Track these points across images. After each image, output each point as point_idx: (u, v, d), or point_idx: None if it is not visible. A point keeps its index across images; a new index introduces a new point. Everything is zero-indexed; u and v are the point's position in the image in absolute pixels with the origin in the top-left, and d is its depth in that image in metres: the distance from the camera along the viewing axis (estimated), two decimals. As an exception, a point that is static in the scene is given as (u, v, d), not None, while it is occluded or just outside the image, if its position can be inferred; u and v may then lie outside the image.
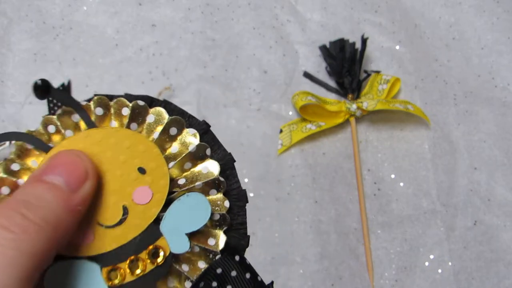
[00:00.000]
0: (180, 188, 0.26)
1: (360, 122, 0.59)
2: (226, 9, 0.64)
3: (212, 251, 0.26)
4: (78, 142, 0.25)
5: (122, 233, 0.25)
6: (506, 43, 0.62)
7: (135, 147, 0.25)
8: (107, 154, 0.25)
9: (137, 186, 0.25)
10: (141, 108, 0.26)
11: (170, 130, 0.26)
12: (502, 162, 0.57)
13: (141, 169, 0.25)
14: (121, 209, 0.25)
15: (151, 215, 0.25)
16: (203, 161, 0.26)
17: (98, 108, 0.26)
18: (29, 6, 0.63)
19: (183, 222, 0.25)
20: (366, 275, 0.54)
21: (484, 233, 0.55)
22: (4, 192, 0.25)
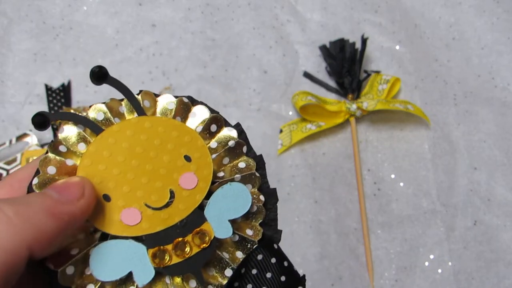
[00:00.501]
0: (220, 179, 0.27)
1: (360, 122, 0.59)
2: (226, 9, 0.64)
3: (250, 240, 0.27)
4: (128, 127, 0.26)
5: (169, 216, 0.25)
6: (506, 43, 0.62)
7: (182, 137, 0.27)
8: (155, 141, 0.26)
9: (183, 172, 0.26)
10: (185, 104, 0.28)
11: (211, 127, 0.28)
12: (502, 162, 0.57)
13: (187, 157, 0.26)
14: (168, 192, 0.26)
15: (196, 201, 0.26)
16: (240, 157, 0.28)
17: (146, 100, 0.27)
18: (29, 6, 0.63)
19: (226, 209, 0.26)
20: (366, 275, 0.54)
21: (484, 233, 0.55)
22: (50, 172, 0.26)
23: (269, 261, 0.26)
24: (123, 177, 0.25)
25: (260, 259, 0.26)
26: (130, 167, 0.26)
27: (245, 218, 0.27)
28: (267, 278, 0.26)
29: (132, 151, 0.26)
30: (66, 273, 0.24)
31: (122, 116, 0.27)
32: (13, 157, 0.55)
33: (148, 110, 0.27)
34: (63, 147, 0.26)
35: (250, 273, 0.26)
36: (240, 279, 0.26)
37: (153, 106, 0.28)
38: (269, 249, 0.26)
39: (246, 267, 0.26)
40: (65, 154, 0.26)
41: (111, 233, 0.25)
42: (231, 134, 0.28)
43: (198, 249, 0.25)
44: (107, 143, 0.26)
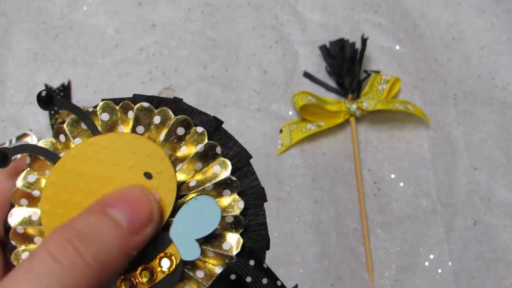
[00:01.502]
0: (190, 191, 0.25)
1: (360, 122, 0.59)
2: (226, 9, 0.64)
3: (227, 255, 0.25)
4: (84, 150, 0.25)
5: None
6: (506, 43, 0.62)
7: (141, 151, 0.25)
8: (113, 160, 0.25)
9: None
10: (145, 110, 0.26)
11: (177, 131, 0.26)
12: (502, 162, 0.57)
13: (148, 174, 0.25)
14: None
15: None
16: (215, 160, 0.26)
17: (104, 113, 0.26)
18: (29, 6, 0.63)
19: (193, 227, 0.24)
20: (366, 275, 0.54)
21: (484, 233, 0.55)
22: (23, 204, 0.26)
23: (244, 280, 0.24)
24: (84, 204, 0.24)
25: (234, 279, 0.24)
26: (90, 192, 0.25)
27: (222, 229, 0.25)
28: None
29: (90, 176, 0.25)
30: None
31: (86, 134, 0.26)
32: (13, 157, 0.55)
33: (108, 123, 0.26)
34: (32, 177, 0.26)
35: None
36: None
37: (114, 117, 0.26)
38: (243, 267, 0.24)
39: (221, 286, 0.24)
40: (35, 184, 0.26)
41: None
42: (202, 134, 0.26)
43: (163, 274, 0.24)
44: (66, 171, 0.25)
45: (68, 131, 0.26)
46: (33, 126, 0.58)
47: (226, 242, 0.25)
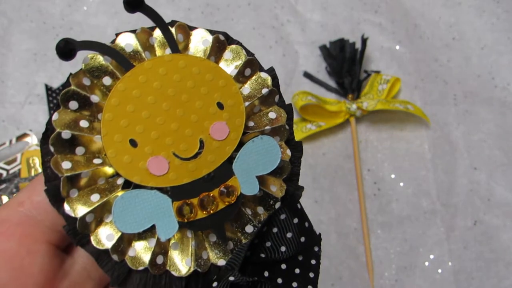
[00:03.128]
0: (249, 130, 0.25)
1: (360, 122, 0.59)
2: (226, 10, 0.64)
3: (273, 197, 0.25)
4: (161, 64, 0.24)
5: (197, 168, 0.24)
6: (506, 43, 0.62)
7: (216, 80, 0.25)
8: (189, 83, 0.24)
9: (215, 121, 0.24)
10: (221, 42, 0.26)
11: (245, 71, 0.26)
12: (502, 162, 0.57)
13: (220, 104, 0.24)
14: (198, 142, 0.24)
15: (225, 153, 0.24)
16: (271, 107, 0.26)
17: (179, 34, 0.25)
18: (29, 6, 0.63)
19: (255, 164, 0.24)
20: (366, 275, 0.54)
21: (484, 233, 0.55)
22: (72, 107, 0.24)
23: (291, 221, 0.25)
24: (152, 121, 0.23)
25: (283, 219, 0.25)
26: (160, 110, 0.23)
27: (271, 173, 0.25)
28: (287, 238, 0.25)
29: (163, 92, 0.24)
30: (86, 220, 0.23)
31: (152, 49, 0.25)
32: (13, 157, 0.55)
33: (181, 45, 0.25)
34: (87, 80, 0.24)
35: (271, 232, 0.25)
36: (260, 237, 0.25)
37: (186, 41, 0.26)
38: (292, 209, 0.25)
39: (268, 226, 0.25)
40: (89, 88, 0.24)
41: (136, 181, 0.23)
42: (266, 80, 0.26)
43: (224, 205, 0.24)
44: (138, 82, 0.23)
45: (140, 42, 0.25)
46: (33, 126, 0.58)
47: (272, 185, 0.26)
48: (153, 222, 0.23)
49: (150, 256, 0.24)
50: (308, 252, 0.25)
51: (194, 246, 0.24)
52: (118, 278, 0.24)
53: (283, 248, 0.25)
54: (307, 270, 0.25)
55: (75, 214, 0.23)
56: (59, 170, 0.23)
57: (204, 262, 0.24)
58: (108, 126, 0.23)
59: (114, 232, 0.24)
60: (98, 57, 0.24)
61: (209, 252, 0.25)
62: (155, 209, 0.23)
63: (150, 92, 0.23)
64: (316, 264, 0.26)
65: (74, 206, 0.23)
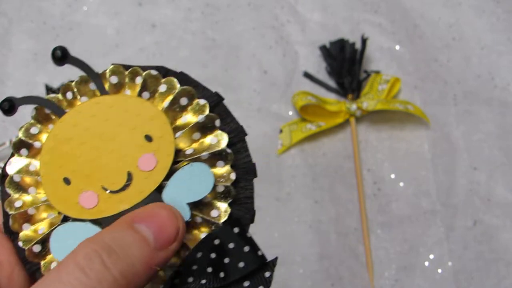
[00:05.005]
0: (186, 158, 0.26)
1: (360, 122, 0.59)
2: (226, 10, 0.64)
3: (214, 222, 0.26)
4: (89, 108, 0.26)
5: (125, 199, 0.25)
6: (506, 44, 0.62)
7: (144, 115, 0.26)
8: (116, 121, 0.26)
9: (143, 153, 0.26)
10: (153, 77, 0.27)
11: (181, 100, 0.27)
12: (502, 162, 0.57)
13: (148, 137, 0.26)
14: (125, 175, 0.25)
15: (154, 183, 0.25)
16: (212, 132, 0.26)
17: (113, 76, 0.27)
18: (29, 6, 0.63)
19: (185, 192, 0.25)
20: (366, 275, 0.54)
21: (484, 233, 0.55)
22: (23, 154, 0.27)
23: (226, 246, 0.25)
24: (84, 160, 0.26)
25: (217, 244, 0.25)
26: (91, 149, 0.26)
27: (212, 198, 0.26)
28: (225, 263, 0.25)
29: (93, 132, 0.26)
30: (33, 250, 0.26)
31: (93, 94, 0.27)
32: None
33: (115, 86, 0.27)
34: (35, 129, 0.27)
35: (209, 257, 0.25)
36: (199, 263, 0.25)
37: (121, 80, 0.27)
38: (227, 233, 0.25)
39: (204, 251, 0.25)
40: (36, 136, 0.27)
41: (70, 215, 0.26)
42: (204, 107, 0.27)
43: None
44: (70, 125, 0.26)
45: (76, 89, 0.27)
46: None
47: (214, 210, 0.26)
48: None
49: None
50: (257, 277, 0.25)
51: None
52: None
53: (221, 274, 0.24)
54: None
55: (23, 246, 0.26)
56: (10, 209, 0.26)
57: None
58: (45, 168, 0.26)
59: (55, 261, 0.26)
60: (42, 108, 0.27)
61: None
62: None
63: (81, 134, 0.26)
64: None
65: (23, 239, 0.26)
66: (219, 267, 0.24)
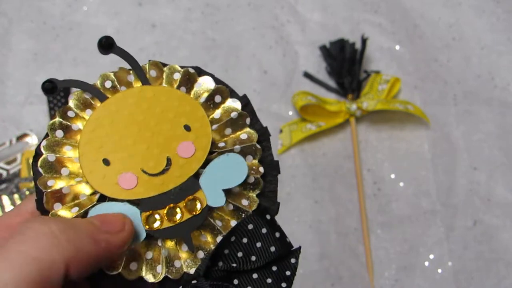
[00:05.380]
0: (219, 150, 0.28)
1: (360, 122, 0.59)
2: (226, 10, 0.64)
3: (244, 210, 0.28)
4: (131, 95, 0.28)
5: (164, 182, 0.27)
6: (506, 44, 0.62)
7: (183, 106, 0.28)
8: (157, 109, 0.27)
9: (182, 141, 0.27)
10: (191, 74, 0.29)
11: (215, 98, 0.28)
12: (502, 162, 0.57)
13: (187, 127, 0.27)
14: (165, 160, 0.27)
15: (191, 169, 0.27)
16: (243, 129, 0.28)
17: (152, 70, 0.29)
18: (29, 6, 0.63)
19: (221, 179, 0.27)
20: (366, 275, 0.54)
21: (484, 233, 0.55)
22: (58, 135, 0.27)
23: (260, 231, 0.27)
24: (123, 143, 0.27)
25: (251, 229, 0.26)
26: (130, 133, 0.27)
27: (242, 188, 0.28)
28: (257, 247, 0.26)
29: (133, 118, 0.27)
30: None
31: (130, 85, 0.28)
32: (13, 157, 0.55)
33: (154, 79, 0.29)
34: (72, 113, 0.28)
35: (240, 242, 0.26)
36: (231, 247, 0.26)
37: (160, 75, 0.29)
38: (260, 220, 0.27)
39: (237, 236, 0.26)
40: (72, 119, 0.28)
41: (108, 195, 0.26)
42: (235, 105, 0.29)
43: (190, 215, 0.26)
44: (110, 110, 0.27)
45: (116, 78, 0.29)
46: (33, 126, 0.58)
47: (244, 199, 0.28)
48: None
49: (123, 262, 0.26)
50: (284, 263, 0.27)
51: (164, 254, 0.27)
52: (92, 281, 0.26)
53: (253, 257, 0.26)
54: (280, 280, 0.26)
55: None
56: (44, 187, 0.27)
57: (176, 270, 0.27)
58: (84, 149, 0.27)
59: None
60: (81, 93, 0.28)
61: (182, 261, 0.27)
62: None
63: (121, 119, 0.27)
64: (291, 275, 0.27)
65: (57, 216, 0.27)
66: (251, 251, 0.26)
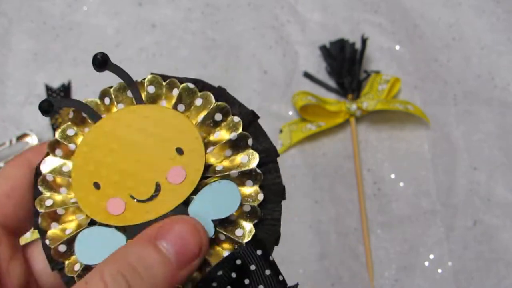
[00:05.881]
0: (216, 174, 0.26)
1: (360, 122, 0.59)
2: (226, 10, 0.64)
3: (237, 241, 0.26)
4: (125, 115, 0.27)
5: (152, 209, 0.26)
6: (506, 44, 0.62)
7: (178, 127, 0.26)
8: (150, 130, 0.26)
9: (173, 166, 0.26)
10: (190, 90, 0.27)
11: (215, 116, 0.27)
12: (502, 162, 0.57)
13: (179, 150, 0.26)
14: (154, 185, 0.26)
15: (181, 196, 0.25)
16: (244, 150, 0.26)
17: (150, 86, 0.27)
18: (29, 6, 0.63)
19: (211, 208, 0.25)
20: (366, 275, 0.54)
21: (484, 233, 0.55)
22: (57, 154, 0.27)
23: (248, 267, 0.25)
24: (115, 166, 0.26)
25: (239, 264, 0.25)
26: (122, 156, 0.26)
27: (238, 216, 0.26)
28: (245, 284, 0.25)
29: (126, 140, 0.26)
30: (59, 250, 0.26)
31: (130, 102, 0.28)
32: (13, 157, 0.55)
33: (153, 96, 0.27)
34: (71, 131, 0.28)
35: (229, 276, 0.25)
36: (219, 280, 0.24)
37: (159, 91, 0.27)
38: (250, 255, 0.25)
39: (225, 270, 0.25)
40: (71, 138, 0.28)
41: (98, 220, 0.26)
42: (237, 124, 0.27)
43: None
44: (104, 131, 0.26)
45: (114, 96, 0.28)
46: (33, 126, 0.58)
47: (239, 229, 0.26)
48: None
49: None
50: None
51: None
52: None
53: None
54: None
55: (50, 244, 0.26)
56: (40, 207, 0.27)
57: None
58: (77, 171, 0.26)
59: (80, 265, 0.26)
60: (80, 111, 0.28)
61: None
62: (110, 245, 0.25)
63: (114, 140, 0.26)
64: None
65: (51, 237, 0.27)
66: (239, 287, 0.24)
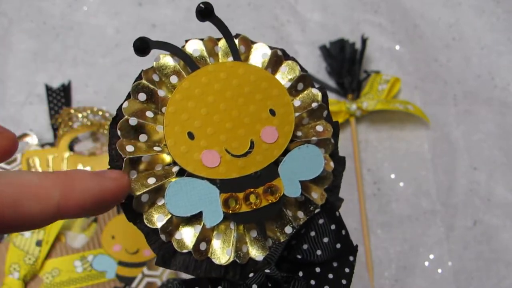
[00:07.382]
0: (297, 139, 0.27)
1: (360, 122, 0.59)
2: (226, 10, 0.64)
3: (314, 203, 0.27)
4: (222, 70, 0.27)
5: (245, 165, 0.26)
6: (506, 44, 0.62)
7: (271, 89, 0.27)
8: (245, 88, 0.26)
9: (266, 125, 0.26)
10: (278, 57, 0.28)
11: (298, 85, 0.28)
12: (502, 162, 0.57)
13: (272, 111, 0.27)
14: (248, 142, 0.26)
15: (273, 155, 0.26)
16: (319, 120, 0.28)
17: (242, 45, 0.28)
18: (29, 6, 0.63)
19: (299, 170, 0.26)
20: (366, 275, 0.54)
21: (484, 233, 0.55)
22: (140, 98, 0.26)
23: (329, 227, 0.27)
24: (209, 118, 0.26)
25: (321, 223, 0.26)
26: (217, 109, 0.26)
27: (313, 181, 0.27)
28: (324, 242, 0.26)
29: (222, 94, 0.26)
30: (141, 200, 0.25)
31: (216, 57, 0.28)
32: (13, 157, 0.55)
33: (242, 55, 0.28)
34: (156, 76, 0.27)
35: (308, 235, 0.26)
36: (298, 239, 0.26)
37: (247, 52, 0.28)
38: (331, 215, 0.27)
39: (306, 229, 0.26)
40: (157, 83, 0.27)
41: (189, 170, 0.25)
42: (316, 95, 0.28)
43: (267, 202, 0.26)
44: (200, 82, 0.26)
45: (205, 48, 0.28)
46: (33, 126, 0.58)
47: (314, 192, 0.28)
48: (200, 209, 0.25)
49: (194, 241, 0.26)
50: (343, 260, 0.27)
51: (235, 238, 0.26)
52: (163, 257, 0.26)
53: (318, 251, 0.26)
54: (340, 276, 0.27)
55: (132, 193, 0.25)
56: (123, 152, 0.25)
57: (243, 255, 0.26)
58: (170, 118, 0.25)
59: (164, 214, 0.25)
60: (168, 57, 0.27)
61: (249, 246, 0.26)
62: (203, 198, 0.25)
63: (211, 92, 0.26)
64: (350, 272, 0.27)
65: (132, 186, 0.25)
66: (317, 245, 0.26)
